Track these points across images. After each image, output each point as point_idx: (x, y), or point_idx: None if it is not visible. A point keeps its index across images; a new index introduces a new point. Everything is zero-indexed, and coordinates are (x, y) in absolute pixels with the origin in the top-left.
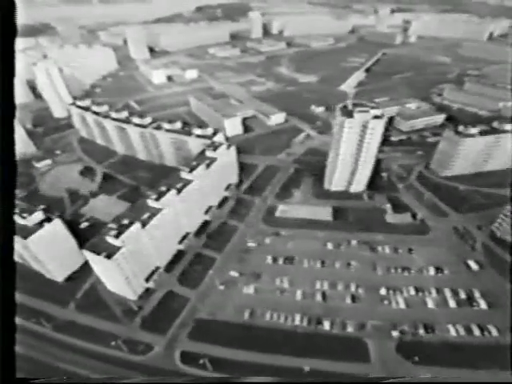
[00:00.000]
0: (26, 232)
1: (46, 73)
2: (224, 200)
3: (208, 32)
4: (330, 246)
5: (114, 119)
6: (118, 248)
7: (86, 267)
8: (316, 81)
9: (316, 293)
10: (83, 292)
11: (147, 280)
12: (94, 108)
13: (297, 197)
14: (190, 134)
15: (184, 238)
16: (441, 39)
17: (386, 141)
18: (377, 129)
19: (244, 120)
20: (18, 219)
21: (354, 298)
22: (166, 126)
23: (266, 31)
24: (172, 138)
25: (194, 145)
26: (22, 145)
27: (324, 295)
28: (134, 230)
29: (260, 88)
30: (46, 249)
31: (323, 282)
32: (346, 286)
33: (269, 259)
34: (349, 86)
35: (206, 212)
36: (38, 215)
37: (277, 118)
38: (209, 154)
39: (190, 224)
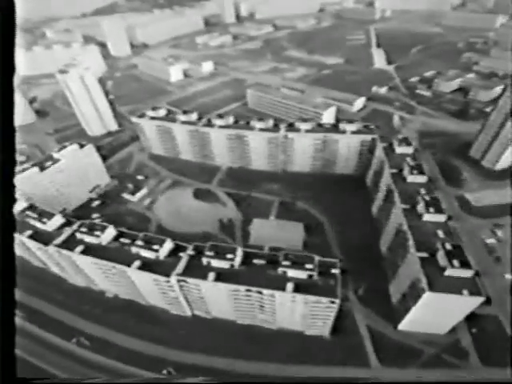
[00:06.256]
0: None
1: (81, 82)
2: None
3: (182, 20)
4: None
5: (225, 127)
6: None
7: None
8: (343, 62)
9: None
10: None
11: None
12: (183, 118)
13: (469, 181)
14: (342, 131)
15: None
16: (410, 11)
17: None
18: None
19: None
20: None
21: None
22: (303, 126)
23: (236, 15)
24: (316, 139)
25: (345, 144)
26: (99, 177)
27: None
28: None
29: (294, 74)
30: None
31: None
32: None
33: None
34: (382, 63)
35: None
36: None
37: (358, 104)
38: (400, 150)
39: None
